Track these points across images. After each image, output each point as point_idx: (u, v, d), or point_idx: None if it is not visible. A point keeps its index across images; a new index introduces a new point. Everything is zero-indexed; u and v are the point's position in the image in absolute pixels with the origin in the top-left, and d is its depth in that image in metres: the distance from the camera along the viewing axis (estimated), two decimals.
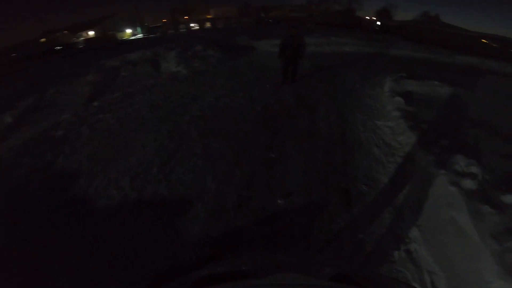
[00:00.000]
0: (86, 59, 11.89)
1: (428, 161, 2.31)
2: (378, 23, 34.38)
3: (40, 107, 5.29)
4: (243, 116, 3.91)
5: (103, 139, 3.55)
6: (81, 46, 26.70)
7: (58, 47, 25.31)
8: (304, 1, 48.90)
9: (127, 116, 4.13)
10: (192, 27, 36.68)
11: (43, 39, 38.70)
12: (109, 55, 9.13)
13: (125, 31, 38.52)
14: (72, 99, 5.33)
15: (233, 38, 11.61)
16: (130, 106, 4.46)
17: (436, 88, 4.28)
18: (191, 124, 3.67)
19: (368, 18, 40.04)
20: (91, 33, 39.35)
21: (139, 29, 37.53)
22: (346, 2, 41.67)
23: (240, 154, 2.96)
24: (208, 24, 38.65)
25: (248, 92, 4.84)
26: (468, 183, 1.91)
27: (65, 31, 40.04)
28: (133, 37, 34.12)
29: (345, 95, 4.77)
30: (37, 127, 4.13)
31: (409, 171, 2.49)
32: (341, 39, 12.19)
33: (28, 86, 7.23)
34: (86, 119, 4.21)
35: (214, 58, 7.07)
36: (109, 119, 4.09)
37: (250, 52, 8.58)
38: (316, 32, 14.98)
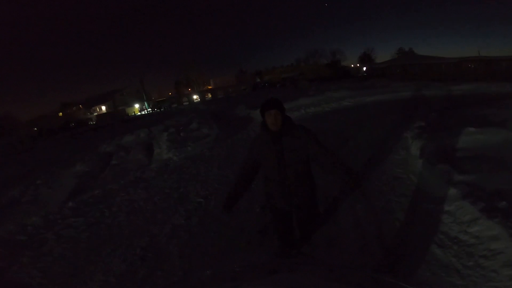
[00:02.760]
0: (89, 141, 12.11)
1: None
2: (364, 68, 36.69)
3: (22, 202, 4.78)
4: (240, 226, 2.84)
5: (65, 251, 2.92)
6: (93, 123, 28.38)
7: (72, 124, 27.07)
8: (293, 61, 53.75)
9: (100, 223, 3.38)
10: (195, 99, 39.23)
11: (60, 113, 41.72)
12: (111, 136, 9.10)
13: (134, 106, 41.32)
14: (52, 195, 4.79)
15: (231, 108, 11.76)
16: (107, 208, 3.74)
17: (478, 137, 3.51)
18: (172, 239, 2.78)
19: (353, 66, 43.06)
20: (103, 108, 42.38)
21: (146, 104, 40.26)
22: (330, 55, 45.56)
23: None
24: (209, 95, 41.39)
25: None
26: None
27: (80, 106, 43.13)
28: (140, 113, 36.48)
29: (369, 171, 3.74)
30: (3, 228, 3.68)
31: None
32: (337, 93, 12.26)
33: (21, 174, 7.10)
34: (56, 223, 3.58)
35: (210, 137, 6.66)
36: (79, 226, 3.39)
37: (247, 124, 8.27)
38: (310, 89, 15.47)
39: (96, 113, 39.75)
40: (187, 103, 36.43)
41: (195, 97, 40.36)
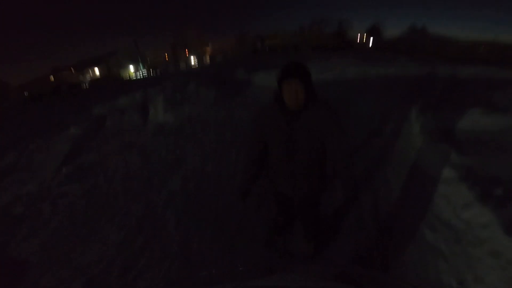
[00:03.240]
0: (81, 103, 11.74)
1: None
2: (371, 41, 34.99)
3: (17, 168, 4.72)
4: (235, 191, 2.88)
5: (62, 221, 2.88)
6: (86, 86, 27.46)
7: (65, 87, 26.25)
8: (296, 27, 50.53)
9: (96, 189, 3.37)
10: (192, 62, 37.63)
11: (51, 77, 40.11)
12: (104, 97, 8.80)
13: (129, 69, 39.72)
14: (46, 160, 4.72)
15: (230, 72, 11.27)
16: (102, 173, 3.71)
17: (482, 120, 3.43)
18: (169, 205, 2.80)
19: (360, 37, 40.94)
20: (96, 71, 40.69)
21: (141, 66, 38.59)
22: (337, 24, 42.86)
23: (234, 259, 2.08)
24: (207, 58, 39.69)
25: (244, 148, 3.83)
26: None
27: (71, 69, 41.42)
28: (135, 75, 35.10)
29: (368, 138, 3.88)
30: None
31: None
32: (341, 62, 11.81)
33: (16, 138, 6.84)
34: (51, 191, 3.50)
35: (207, 99, 6.43)
36: (74, 193, 3.37)
37: (246, 88, 7.96)
38: (313, 57, 14.82)
39: (89, 77, 38.06)
40: (184, 65, 35.02)
41: (192, 59, 38.63)
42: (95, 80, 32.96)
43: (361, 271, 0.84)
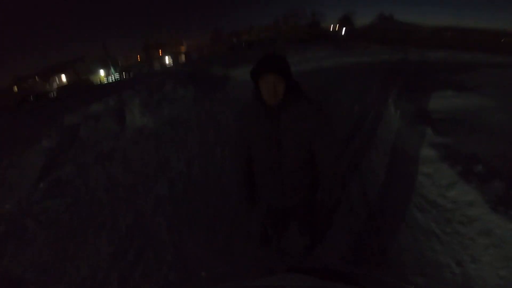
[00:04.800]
0: (51, 113, 10.99)
1: None
2: (344, 31, 35.87)
3: None
4: (225, 190, 2.85)
5: (49, 237, 2.71)
6: (54, 95, 25.65)
7: (31, 97, 24.31)
8: (271, 21, 50.61)
9: (79, 202, 3.17)
10: (167, 61, 36.49)
11: (15, 88, 37.09)
12: (76, 105, 8.25)
13: (99, 73, 37.67)
14: (21, 176, 4.37)
15: (207, 69, 11.06)
16: (83, 185, 3.50)
17: (454, 101, 3.63)
18: (157, 211, 2.70)
19: (333, 27, 41.84)
20: (63, 78, 38.18)
21: (112, 70, 36.72)
22: (310, 16, 43.40)
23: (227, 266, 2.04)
24: (182, 57, 38.68)
25: (229, 145, 3.76)
26: None
27: (36, 78, 38.54)
28: (106, 80, 33.40)
29: (350, 127, 3.95)
30: None
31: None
32: (317, 54, 12.07)
33: None
34: (31, 208, 3.28)
35: (187, 98, 6.24)
36: (56, 208, 3.14)
37: (226, 84, 7.87)
38: (289, 49, 14.94)
39: (56, 85, 35.59)
40: (159, 66, 33.89)
41: (167, 59, 37.40)
42: (63, 87, 30.93)
43: (361, 271, 0.87)
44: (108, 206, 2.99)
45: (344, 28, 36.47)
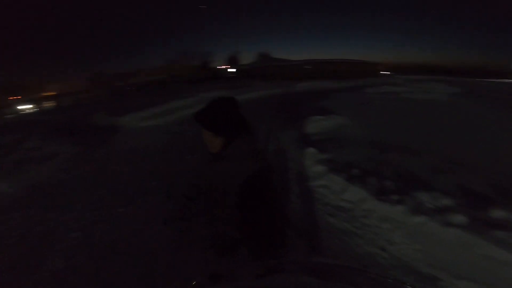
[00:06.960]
0: None
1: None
2: (233, 70, 39.91)
3: None
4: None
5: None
6: None
7: None
8: (162, 62, 50.05)
9: None
10: (27, 109, 28.32)
11: None
12: None
13: None
14: None
15: (87, 117, 9.22)
16: None
17: (323, 123, 4.55)
18: None
19: (223, 67, 45.76)
20: None
21: None
22: (201, 56, 46.06)
23: None
24: (51, 103, 31.23)
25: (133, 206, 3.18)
26: None
27: None
28: None
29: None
30: None
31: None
32: (210, 93, 12.68)
33: None
34: None
35: (61, 158, 4.95)
36: None
37: (115, 134, 6.66)
38: (182, 91, 15.07)
39: None
40: (15, 114, 25.71)
41: (27, 106, 29.24)
42: None
43: (361, 272, 0.84)
44: None
45: (232, 68, 40.54)
